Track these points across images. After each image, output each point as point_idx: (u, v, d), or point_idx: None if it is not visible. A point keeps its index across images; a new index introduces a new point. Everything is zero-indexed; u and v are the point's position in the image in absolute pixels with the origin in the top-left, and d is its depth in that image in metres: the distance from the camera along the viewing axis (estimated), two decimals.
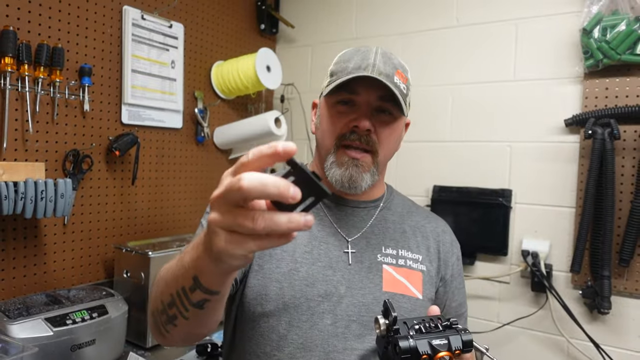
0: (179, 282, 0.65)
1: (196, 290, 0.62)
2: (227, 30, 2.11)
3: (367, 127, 0.91)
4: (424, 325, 0.72)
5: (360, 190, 0.95)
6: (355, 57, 0.94)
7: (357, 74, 0.89)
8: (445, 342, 0.70)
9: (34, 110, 1.39)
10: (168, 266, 0.75)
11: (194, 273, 0.61)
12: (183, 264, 0.64)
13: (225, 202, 0.49)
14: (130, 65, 1.66)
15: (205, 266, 0.58)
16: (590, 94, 1.62)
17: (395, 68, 0.94)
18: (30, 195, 1.28)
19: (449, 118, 1.91)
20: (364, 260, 0.97)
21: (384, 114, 0.94)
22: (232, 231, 0.49)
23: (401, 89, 0.93)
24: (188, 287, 0.63)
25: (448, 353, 0.69)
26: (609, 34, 1.52)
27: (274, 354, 0.90)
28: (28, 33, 1.38)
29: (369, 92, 0.92)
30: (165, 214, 1.86)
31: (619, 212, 1.55)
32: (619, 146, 1.56)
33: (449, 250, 1.06)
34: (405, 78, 0.96)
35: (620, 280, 1.56)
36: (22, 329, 1.19)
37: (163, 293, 0.72)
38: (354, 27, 2.16)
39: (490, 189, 1.81)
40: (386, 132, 0.95)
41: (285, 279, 0.91)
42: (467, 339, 0.71)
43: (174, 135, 1.88)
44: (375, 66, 0.91)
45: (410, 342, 0.69)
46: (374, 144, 0.94)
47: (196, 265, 0.60)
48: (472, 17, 1.87)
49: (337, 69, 0.96)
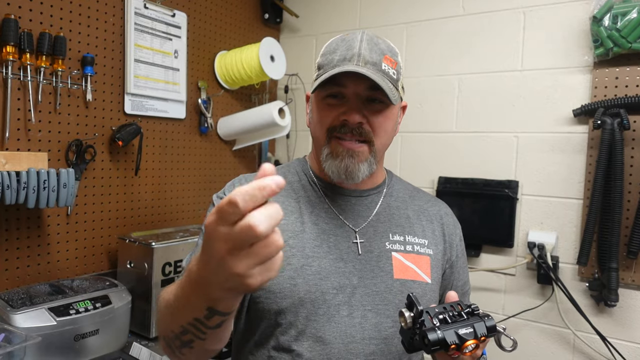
0: (188, 315, 0.65)
1: (214, 316, 0.62)
2: (230, 20, 2.09)
3: (357, 120, 0.90)
4: (448, 315, 0.74)
5: (357, 180, 0.94)
6: (340, 47, 0.92)
7: (343, 67, 0.87)
8: (471, 330, 0.72)
9: (37, 100, 1.38)
10: (168, 297, 0.74)
11: (207, 305, 0.61)
12: (188, 301, 0.63)
13: (246, 253, 0.50)
14: (133, 54, 1.64)
15: (223, 299, 0.59)
16: (600, 83, 1.59)
17: (382, 54, 0.91)
18: (32, 185, 1.27)
19: (455, 108, 1.89)
20: (373, 249, 0.97)
21: (375, 103, 0.92)
22: (261, 264, 0.51)
23: (390, 75, 0.91)
24: (203, 317, 0.63)
25: (475, 341, 0.72)
26: (620, 22, 1.49)
27: (293, 348, 0.90)
28: (30, 22, 1.37)
29: (357, 83, 0.89)
30: (168, 204, 1.86)
31: (628, 204, 1.53)
32: (629, 136, 1.53)
33: (452, 232, 1.08)
34: (394, 62, 0.93)
35: (628, 272, 1.54)
36: (25, 319, 1.19)
37: (172, 324, 0.71)
38: (358, 16, 2.13)
39: (497, 180, 1.78)
40: (379, 120, 0.93)
41: (298, 275, 0.91)
42: (490, 325, 0.74)
43: (177, 125, 1.87)
44: (361, 56, 0.89)
45: (439, 334, 0.70)
46: (368, 134, 0.92)
47: (209, 300, 0.60)
48: (479, 6, 1.83)
49: (323, 61, 0.94)
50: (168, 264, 1.53)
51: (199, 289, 0.60)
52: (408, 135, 1.96)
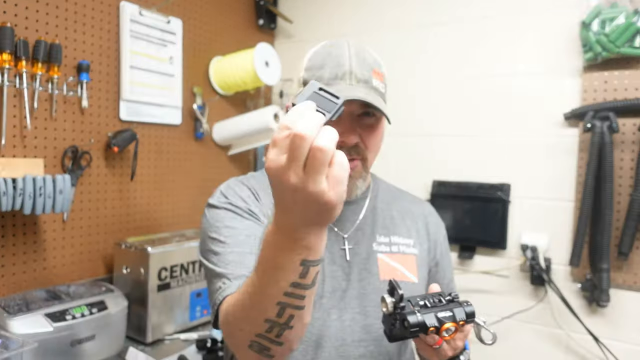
0: (282, 286, 0.64)
1: (309, 270, 0.63)
2: (225, 26, 2.11)
3: (354, 142, 0.89)
4: (428, 301, 0.77)
5: (353, 196, 0.96)
6: (328, 62, 0.89)
7: (339, 88, 0.85)
8: (450, 314, 0.75)
9: (32, 107, 1.39)
10: (241, 296, 0.72)
11: (300, 259, 0.62)
12: (277, 269, 0.63)
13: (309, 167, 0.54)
14: (129, 61, 1.65)
15: (315, 239, 0.61)
16: (590, 87, 1.61)
17: (371, 68, 0.90)
18: (28, 191, 1.28)
19: (448, 112, 1.91)
20: (361, 252, 0.98)
21: (368, 117, 0.91)
22: (325, 174, 0.55)
23: (380, 90, 0.90)
24: (298, 276, 0.63)
25: (453, 324, 0.74)
26: (608, 27, 1.51)
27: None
28: (26, 29, 1.38)
29: (351, 102, 0.86)
30: (164, 209, 1.87)
31: (618, 205, 1.55)
32: (618, 139, 1.56)
33: (436, 231, 1.09)
34: (381, 74, 0.92)
35: (619, 273, 1.56)
36: (22, 325, 1.19)
37: (263, 312, 0.68)
38: (352, 22, 2.15)
39: (489, 183, 1.80)
40: (372, 136, 0.92)
41: None
42: (469, 311, 0.77)
43: (173, 131, 1.88)
44: (353, 73, 0.87)
45: (418, 317, 0.73)
46: (363, 152, 0.92)
47: (299, 248, 0.61)
48: (471, 11, 1.86)
49: (309, 76, 0.91)
50: (164, 269, 1.54)
51: (286, 242, 0.61)
52: (402, 139, 1.98)
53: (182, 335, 1.60)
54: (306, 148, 0.53)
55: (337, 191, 0.56)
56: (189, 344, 1.55)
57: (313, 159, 0.53)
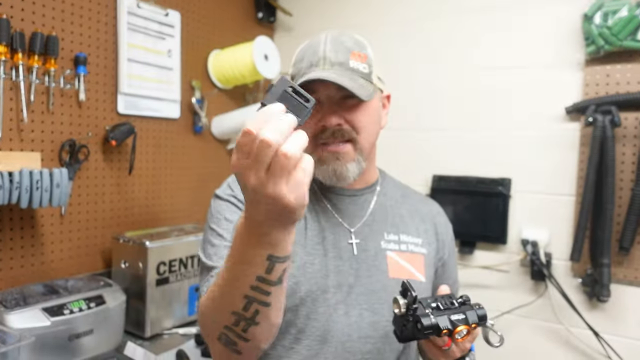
0: (249, 278, 0.66)
1: (274, 266, 0.64)
2: (224, 19, 2.09)
3: (334, 123, 0.90)
4: (440, 303, 0.77)
5: (349, 180, 0.94)
6: (307, 53, 0.93)
7: (309, 74, 0.88)
8: (462, 317, 0.76)
9: (29, 100, 1.38)
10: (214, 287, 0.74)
11: (266, 254, 0.63)
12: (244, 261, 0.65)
13: (271, 173, 0.56)
14: (126, 54, 1.64)
15: (279, 236, 0.62)
16: (591, 80, 1.60)
17: (348, 51, 0.91)
18: (25, 185, 1.27)
19: (448, 106, 1.89)
20: (369, 248, 0.98)
21: (350, 99, 0.91)
22: (284, 177, 0.56)
23: (360, 70, 0.91)
24: (264, 272, 0.65)
25: (466, 327, 0.75)
26: (611, 20, 1.50)
27: (292, 346, 0.90)
28: (22, 21, 1.36)
29: (327, 86, 0.89)
30: (162, 204, 1.86)
31: (619, 200, 1.54)
32: (620, 133, 1.55)
33: (445, 231, 1.10)
34: (363, 55, 0.93)
35: (620, 268, 1.55)
36: (19, 319, 1.19)
37: (231, 304, 0.70)
38: (352, 15, 2.13)
39: (490, 177, 1.79)
40: (357, 117, 0.92)
41: (300, 273, 0.91)
42: (481, 314, 0.77)
43: (171, 125, 1.87)
44: (326, 58, 0.89)
45: (432, 319, 0.74)
46: (349, 133, 0.92)
47: (264, 243, 0.62)
48: (471, 4, 1.84)
49: (294, 71, 0.96)
50: (162, 264, 1.53)
51: (252, 236, 0.62)
52: (402, 134, 1.97)
53: (181, 330, 1.59)
54: (270, 154, 0.54)
55: (296, 195, 0.57)
56: (188, 339, 1.54)
57: (276, 163, 0.55)
